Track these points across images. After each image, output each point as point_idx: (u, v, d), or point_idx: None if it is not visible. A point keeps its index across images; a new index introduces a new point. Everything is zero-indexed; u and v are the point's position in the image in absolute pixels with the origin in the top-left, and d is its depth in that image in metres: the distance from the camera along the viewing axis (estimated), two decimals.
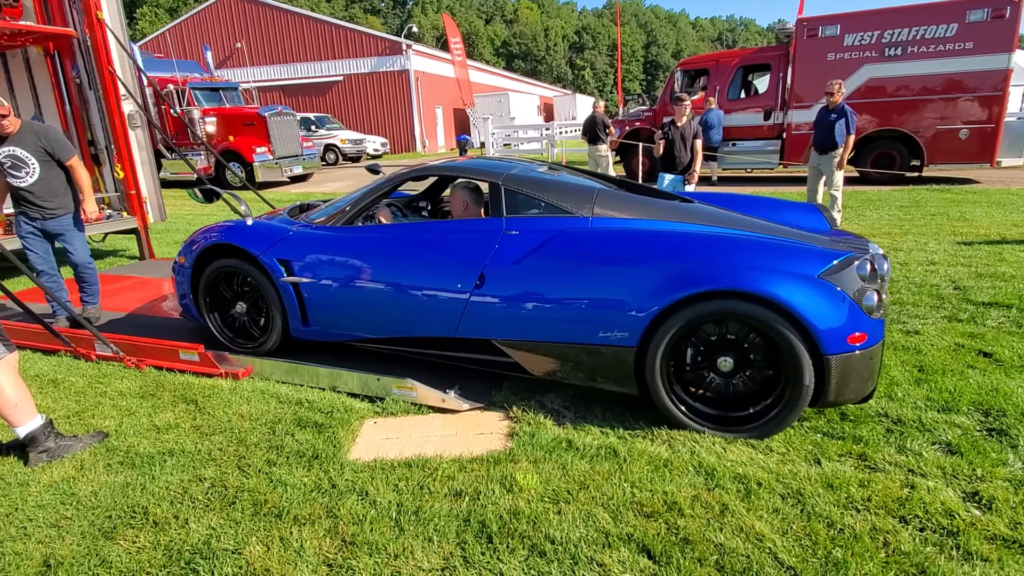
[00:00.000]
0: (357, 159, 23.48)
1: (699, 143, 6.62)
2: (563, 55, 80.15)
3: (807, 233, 3.06)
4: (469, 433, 2.83)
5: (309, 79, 28.11)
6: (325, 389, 3.30)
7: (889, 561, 1.90)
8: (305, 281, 3.38)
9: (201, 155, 14.24)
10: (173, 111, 13.33)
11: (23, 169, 3.92)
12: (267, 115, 14.50)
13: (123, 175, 6.30)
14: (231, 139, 14.53)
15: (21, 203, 4.03)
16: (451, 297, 3.02)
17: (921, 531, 2.04)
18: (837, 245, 2.80)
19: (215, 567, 1.98)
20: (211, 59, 17.97)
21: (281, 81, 28.20)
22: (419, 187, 4.48)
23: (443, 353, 3.22)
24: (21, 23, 5.76)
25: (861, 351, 2.48)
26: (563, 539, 2.04)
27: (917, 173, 11.37)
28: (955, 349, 3.53)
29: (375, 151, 24.84)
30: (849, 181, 10.05)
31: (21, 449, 2.66)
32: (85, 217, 4.24)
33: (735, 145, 12.31)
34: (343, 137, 22.79)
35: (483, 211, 3.56)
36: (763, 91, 12.40)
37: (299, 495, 2.34)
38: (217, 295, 3.74)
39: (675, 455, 2.52)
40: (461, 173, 3.54)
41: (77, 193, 4.19)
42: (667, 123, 6.69)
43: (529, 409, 2.96)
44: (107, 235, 7.03)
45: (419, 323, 3.18)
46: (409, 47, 26.98)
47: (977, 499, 2.19)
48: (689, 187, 6.59)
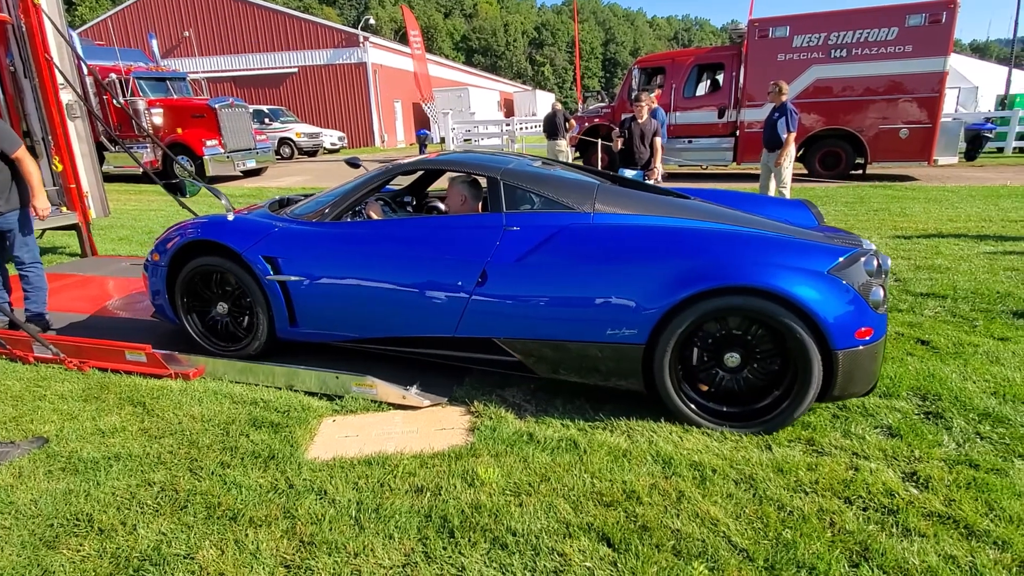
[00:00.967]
0: (314, 153, 22.95)
1: (659, 140, 6.74)
2: (523, 51, 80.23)
3: (803, 229, 3.06)
4: (430, 429, 2.81)
5: (262, 70, 27.28)
6: (281, 388, 3.23)
7: (835, 540, 1.99)
8: (294, 280, 3.23)
9: (147, 148, 13.65)
10: (116, 101, 12.70)
11: None
12: (217, 107, 14.02)
13: (62, 168, 5.98)
14: (179, 131, 13.98)
15: None
16: (451, 295, 2.94)
17: (864, 510, 2.14)
18: (839, 241, 2.81)
19: (166, 573, 1.91)
20: (157, 48, 17.21)
21: (232, 72, 27.28)
22: (403, 181, 4.37)
23: (442, 353, 3.12)
24: None
25: (867, 345, 2.51)
26: (524, 531, 2.06)
27: (861, 171, 11.89)
28: (895, 338, 3.71)
29: (332, 145, 24.34)
30: (797, 178, 10.41)
31: None
32: (36, 213, 3.95)
33: (691, 142, 12.60)
34: (298, 131, 22.23)
35: (480, 206, 3.48)
36: (717, 90, 12.72)
37: (255, 496, 2.28)
38: (195, 295, 3.54)
39: (634, 445, 2.57)
40: (457, 167, 3.44)
41: (25, 188, 3.90)
42: (627, 119, 6.79)
43: (491, 403, 2.96)
44: (45, 231, 6.67)
45: (417, 322, 3.07)
46: (366, 39, 26.50)
47: (915, 479, 2.31)
48: (649, 183, 6.71)
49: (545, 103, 37.74)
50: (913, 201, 8.95)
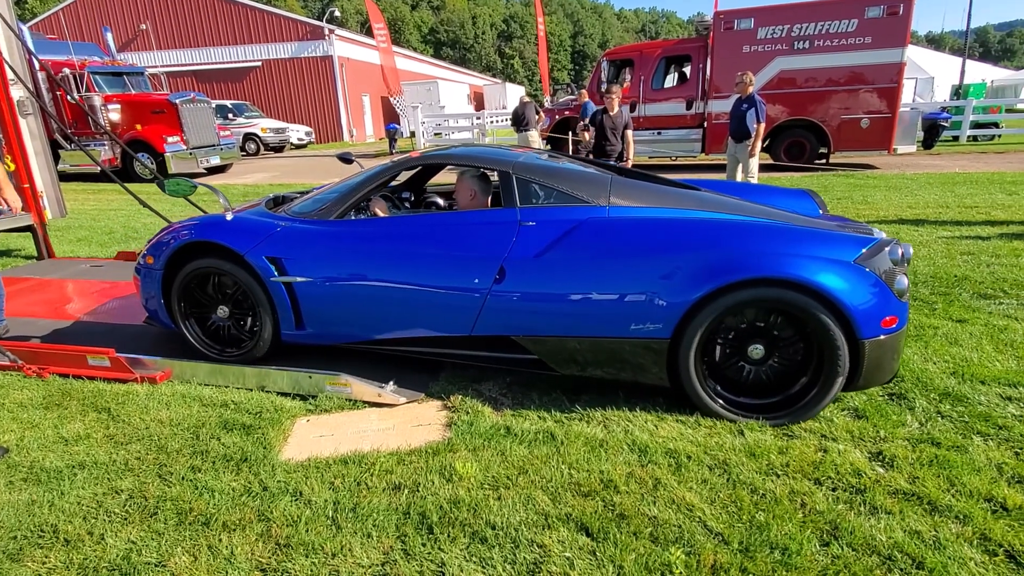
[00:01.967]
0: (280, 149, 22.50)
1: (630, 132, 6.79)
2: (492, 44, 79.84)
3: (818, 219, 3.05)
4: (407, 426, 2.79)
5: (224, 64, 26.58)
6: (252, 390, 3.16)
7: (806, 520, 2.04)
8: (301, 281, 3.11)
9: (105, 145, 13.20)
10: (70, 97, 12.24)
11: None
12: (178, 102, 13.62)
13: (14, 167, 5.74)
14: (138, 128, 13.55)
15: None
16: (468, 293, 2.86)
17: (833, 491, 2.20)
18: (854, 230, 2.80)
19: None
20: (112, 41, 16.61)
21: (193, 66, 26.51)
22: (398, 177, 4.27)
23: (457, 352, 3.05)
24: None
25: (893, 334, 2.52)
26: (504, 524, 2.06)
27: (825, 160, 12.17)
28: None
29: (299, 140, 23.90)
30: (764, 168, 10.61)
31: None
32: (8, 206, 3.75)
33: (660, 134, 12.73)
34: (264, 126, 21.77)
35: (489, 201, 3.41)
36: (685, 82, 12.86)
37: (228, 500, 2.23)
38: (193, 299, 3.39)
39: (610, 435, 2.60)
40: (466, 161, 3.38)
41: None
42: (598, 112, 6.81)
43: (467, 398, 2.96)
44: None
45: (432, 322, 2.99)
46: (332, 32, 26.02)
47: (881, 458, 2.38)
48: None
49: (515, 96, 37.65)
50: (875, 189, 9.21)
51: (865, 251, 2.55)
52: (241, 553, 1.97)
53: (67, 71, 13.23)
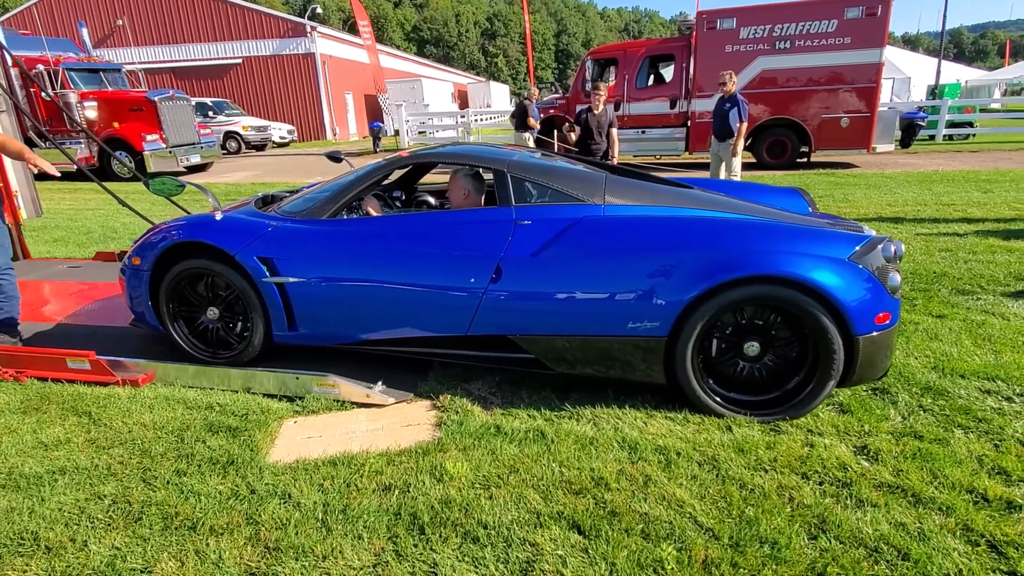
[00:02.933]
0: (262, 147, 22.23)
1: (615, 131, 6.81)
2: (475, 42, 79.66)
3: (811, 217, 3.07)
4: (396, 426, 2.78)
5: (204, 61, 26.16)
6: (238, 391, 3.12)
7: (794, 514, 2.06)
8: (293, 281, 3.06)
9: (81, 143, 12.93)
10: (45, 94, 11.97)
11: None
12: (157, 99, 13.38)
13: None
14: (116, 126, 13.29)
15: None
16: (464, 292, 2.85)
17: (820, 485, 2.23)
18: (845, 228, 2.82)
19: None
20: (88, 37, 16.27)
21: (171, 63, 26.06)
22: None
23: (452, 352, 3.03)
24: None
25: (885, 331, 2.55)
26: (495, 523, 2.06)
27: (806, 159, 12.34)
28: None
29: (281, 139, 23.64)
30: (746, 167, 10.72)
31: None
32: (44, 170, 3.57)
33: (644, 132, 12.79)
34: (245, 124, 21.47)
35: (483, 200, 3.39)
36: (669, 80, 12.94)
37: (214, 504, 2.20)
38: (181, 301, 3.32)
39: (600, 432, 2.60)
40: (459, 160, 3.36)
41: None
42: (583, 111, 6.82)
43: (457, 398, 2.94)
44: None
45: (427, 322, 2.97)
46: (314, 29, 25.75)
47: (866, 452, 2.42)
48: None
49: (499, 94, 37.60)
50: (855, 187, 9.35)
51: (859, 248, 2.57)
52: (229, 557, 1.94)
53: (41, 67, 12.92)
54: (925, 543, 1.91)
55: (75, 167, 6.38)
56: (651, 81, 13.07)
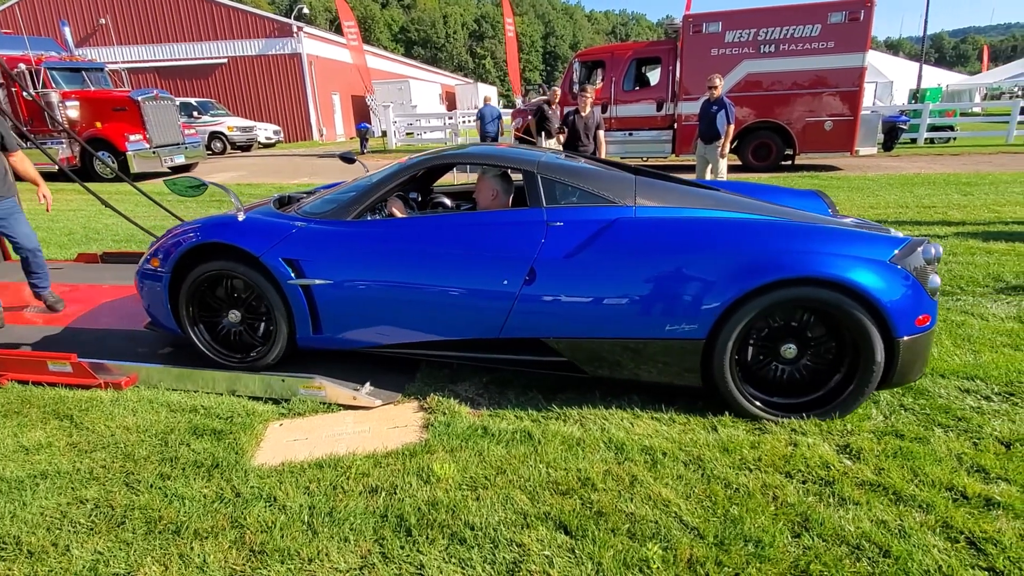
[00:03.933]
0: (248, 148, 22.04)
1: (602, 133, 6.84)
2: (463, 43, 79.64)
3: (840, 219, 3.04)
4: (383, 427, 2.77)
5: (188, 61, 25.90)
6: (223, 394, 3.09)
7: (778, 513, 2.09)
8: (320, 283, 3.00)
9: (63, 143, 12.74)
10: (26, 94, 11.78)
11: None
12: (141, 99, 13.20)
13: None
14: (98, 125, 13.10)
15: None
16: (497, 294, 2.80)
17: (803, 483, 2.25)
18: (880, 231, 2.81)
19: None
20: (70, 36, 16.04)
21: (155, 62, 25.76)
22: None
23: (483, 356, 2.98)
24: None
25: (925, 332, 2.55)
26: (482, 524, 2.06)
27: (791, 161, 12.48)
28: None
29: (267, 139, 23.46)
30: (731, 169, 10.81)
31: None
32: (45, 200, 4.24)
33: (631, 135, 12.87)
34: (231, 124, 21.26)
35: (510, 201, 3.36)
36: (655, 83, 13.03)
37: (199, 508, 2.18)
38: (202, 304, 3.24)
39: (587, 433, 2.62)
40: (488, 160, 3.32)
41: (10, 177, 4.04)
42: (570, 113, 6.85)
43: (444, 399, 2.94)
44: None
45: (457, 324, 2.92)
46: (300, 29, 25.59)
47: (848, 451, 2.45)
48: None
49: (488, 96, 37.52)
50: (838, 190, 9.47)
51: (899, 251, 2.57)
52: (214, 561, 1.93)
53: (23, 66, 12.70)
54: (906, 540, 1.94)
55: (56, 168, 6.29)
56: (638, 84, 13.15)
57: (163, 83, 24.56)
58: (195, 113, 20.46)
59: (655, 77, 13.14)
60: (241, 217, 3.17)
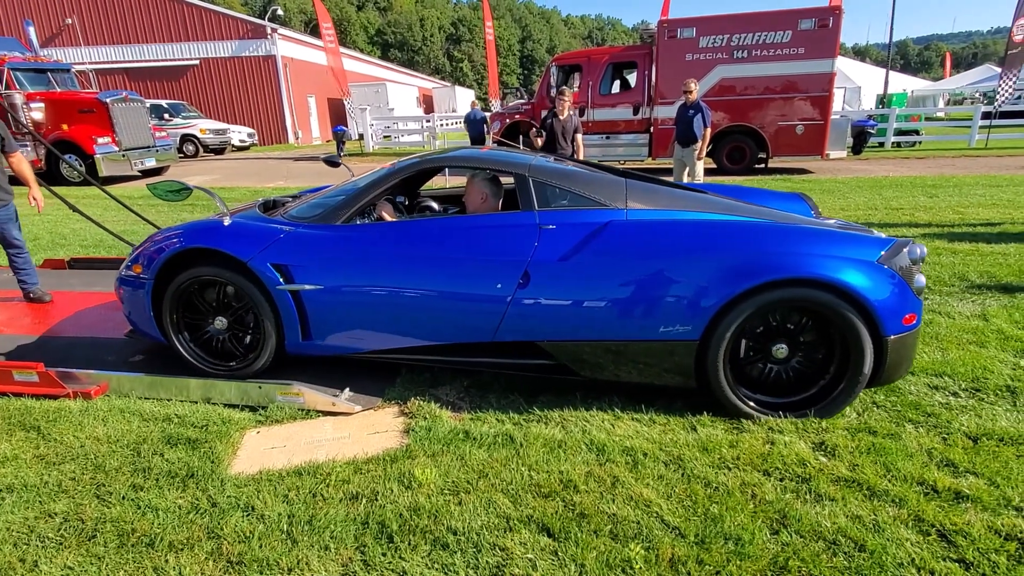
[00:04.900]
0: (221, 151, 21.68)
1: (580, 136, 6.88)
2: (440, 46, 79.51)
3: (825, 221, 3.08)
4: (363, 433, 2.74)
5: (159, 62, 25.37)
6: (197, 402, 3.03)
7: (757, 510, 2.12)
8: (310, 289, 2.94)
9: (28, 146, 12.37)
10: None
11: None
12: (109, 101, 12.91)
13: None
14: (65, 128, 12.77)
15: None
16: (491, 298, 2.79)
17: (781, 481, 2.29)
18: (863, 231, 2.85)
19: None
20: (35, 36, 15.62)
21: (124, 64, 25.19)
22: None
23: (476, 360, 2.96)
24: None
25: (912, 331, 2.60)
26: (465, 529, 2.05)
27: (764, 165, 12.71)
28: None
29: (241, 142, 23.11)
30: (707, 172, 10.97)
31: None
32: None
33: (608, 138, 12.98)
34: (203, 127, 20.91)
35: (500, 205, 3.34)
36: (632, 87, 13.17)
37: (173, 519, 2.13)
38: (187, 310, 3.16)
39: (568, 435, 2.62)
40: (477, 163, 3.30)
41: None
42: (547, 116, 6.88)
43: (425, 403, 2.92)
44: None
45: (451, 329, 2.90)
46: (274, 31, 25.27)
47: (824, 448, 2.50)
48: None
49: (465, 100, 37.57)
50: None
51: (886, 251, 2.63)
52: (190, 573, 1.88)
53: None
54: (880, 534, 1.98)
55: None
56: (615, 88, 13.27)
57: (133, 85, 24.02)
58: (166, 115, 20.08)
59: (631, 81, 13.28)
60: (227, 222, 3.09)
